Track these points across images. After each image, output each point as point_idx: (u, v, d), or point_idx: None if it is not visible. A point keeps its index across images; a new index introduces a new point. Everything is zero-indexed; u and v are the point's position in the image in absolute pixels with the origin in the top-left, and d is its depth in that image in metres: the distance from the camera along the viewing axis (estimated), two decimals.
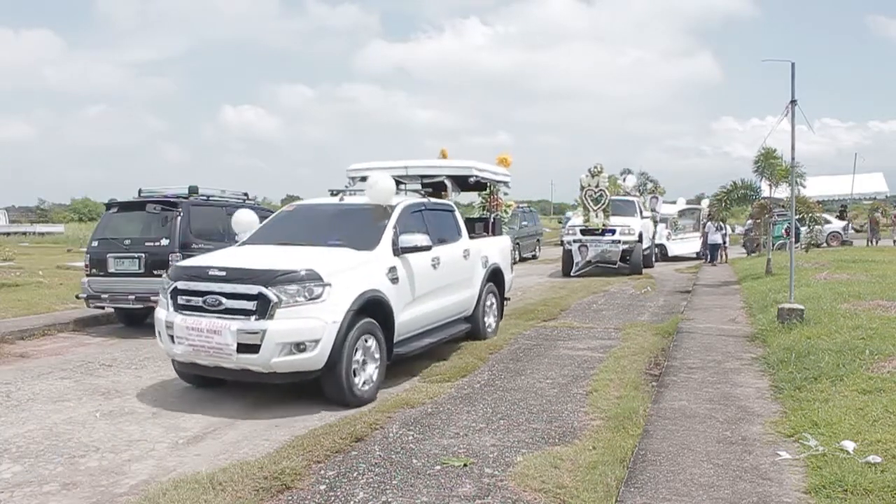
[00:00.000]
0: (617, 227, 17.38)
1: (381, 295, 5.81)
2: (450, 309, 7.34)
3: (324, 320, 5.21)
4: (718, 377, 6.17)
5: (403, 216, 6.69)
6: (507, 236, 9.65)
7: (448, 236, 7.52)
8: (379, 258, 6.04)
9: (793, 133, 8.33)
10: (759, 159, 14.84)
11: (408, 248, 6.30)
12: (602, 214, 17.47)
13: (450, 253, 7.30)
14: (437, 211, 7.56)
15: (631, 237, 17.37)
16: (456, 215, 7.96)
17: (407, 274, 6.30)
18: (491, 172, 8.99)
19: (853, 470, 3.68)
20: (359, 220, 6.68)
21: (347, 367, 5.37)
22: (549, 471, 3.96)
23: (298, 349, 5.15)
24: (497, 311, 8.65)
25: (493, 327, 8.50)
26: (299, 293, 5.20)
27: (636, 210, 19.34)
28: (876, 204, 27.45)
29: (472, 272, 7.84)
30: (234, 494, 3.65)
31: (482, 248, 8.25)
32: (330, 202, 7.26)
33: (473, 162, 8.50)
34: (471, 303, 7.86)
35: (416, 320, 6.53)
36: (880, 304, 8.58)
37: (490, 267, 8.27)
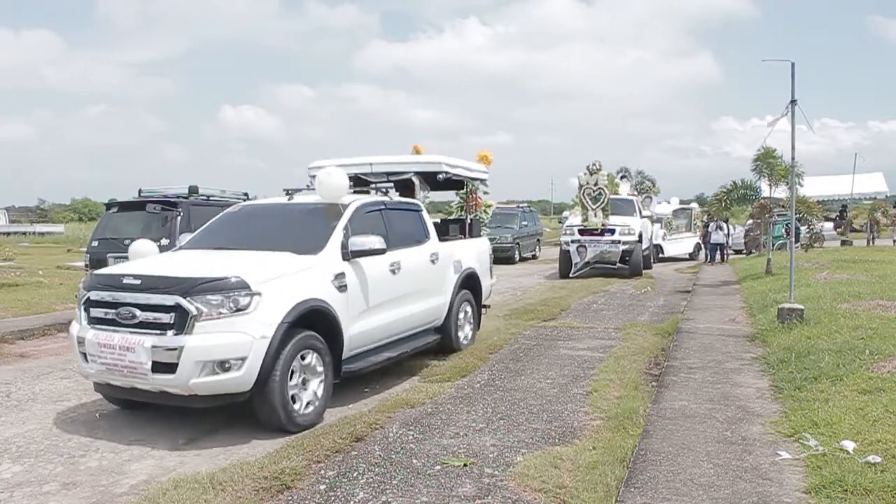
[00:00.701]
0: (617, 226, 16.82)
1: (324, 305, 5.18)
2: (415, 319, 6.67)
3: (251, 335, 4.57)
4: (718, 377, 6.17)
5: (357, 216, 6.01)
6: (486, 239, 8.98)
7: (413, 239, 6.84)
8: (324, 263, 5.39)
9: (793, 133, 8.34)
10: (757, 159, 14.86)
11: (359, 251, 5.61)
12: (601, 214, 16.89)
13: (414, 257, 6.64)
14: (400, 211, 6.87)
15: (631, 237, 16.81)
16: (423, 216, 7.25)
17: (359, 281, 5.64)
18: (465, 169, 8.30)
19: (853, 470, 3.68)
20: (306, 221, 6.08)
21: (282, 388, 4.73)
22: (549, 471, 3.96)
23: (222, 368, 4.52)
24: (473, 320, 7.98)
25: (469, 338, 7.82)
26: (223, 304, 4.58)
27: (635, 209, 18.74)
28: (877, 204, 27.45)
29: (441, 278, 7.19)
30: (234, 494, 3.65)
31: (455, 251, 7.57)
32: (278, 202, 6.64)
33: (443, 157, 7.88)
34: (441, 312, 7.18)
35: (371, 332, 5.87)
36: (880, 304, 8.58)
37: (464, 272, 7.59)
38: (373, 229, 5.98)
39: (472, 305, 7.92)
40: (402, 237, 6.57)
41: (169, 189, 10.03)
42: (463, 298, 7.63)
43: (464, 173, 8.31)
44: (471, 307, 7.90)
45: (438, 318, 7.18)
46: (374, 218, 6.30)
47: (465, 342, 7.70)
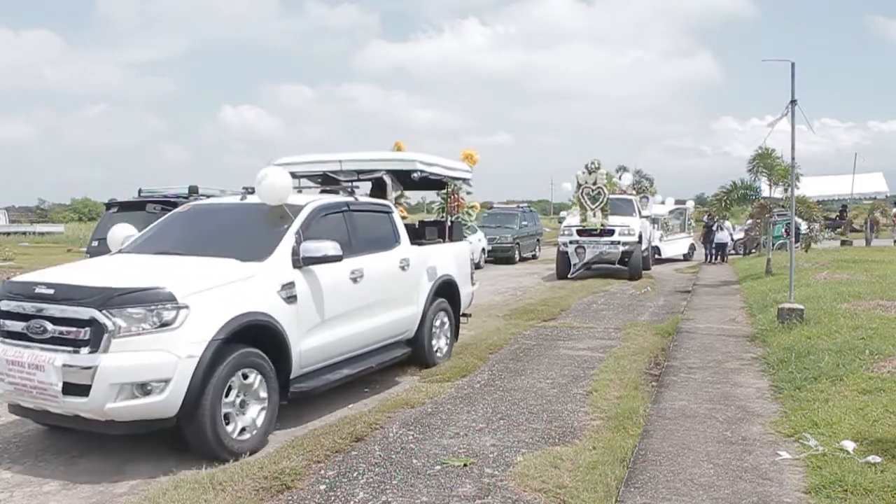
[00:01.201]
0: (616, 227, 16.33)
1: (267, 318, 4.63)
2: (381, 331, 6.07)
3: (176, 354, 4.05)
4: (718, 377, 6.17)
5: (313, 219, 5.43)
6: (467, 242, 8.32)
7: (380, 243, 6.25)
8: (269, 272, 4.84)
9: (793, 133, 8.35)
10: (754, 159, 14.87)
11: (312, 258, 5.04)
12: (600, 214, 16.37)
13: (380, 263, 6.05)
14: (366, 213, 6.28)
15: (631, 238, 16.32)
16: (393, 217, 6.61)
17: (311, 291, 5.09)
18: (443, 168, 7.61)
19: (853, 470, 3.69)
20: (257, 224, 5.53)
21: (213, 413, 4.21)
22: (549, 471, 3.97)
23: (142, 391, 4.01)
24: (451, 331, 7.31)
25: (445, 351, 7.17)
26: (145, 318, 4.06)
27: (634, 209, 18.19)
28: (877, 204, 27.46)
29: (413, 286, 6.58)
30: (234, 494, 3.65)
31: (429, 256, 6.93)
32: (230, 202, 6.14)
33: (418, 154, 7.29)
34: (412, 323, 6.58)
35: (328, 348, 5.33)
36: (880, 304, 8.59)
37: (439, 279, 6.95)
38: (331, 233, 5.41)
39: (449, 315, 7.24)
40: (368, 242, 6.01)
41: (169, 189, 10.02)
42: (438, 308, 6.98)
43: (442, 172, 7.61)
44: (448, 317, 7.23)
45: (409, 330, 6.57)
46: (333, 221, 5.72)
47: (441, 355, 7.05)
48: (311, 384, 5.16)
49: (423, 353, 6.77)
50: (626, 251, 16.28)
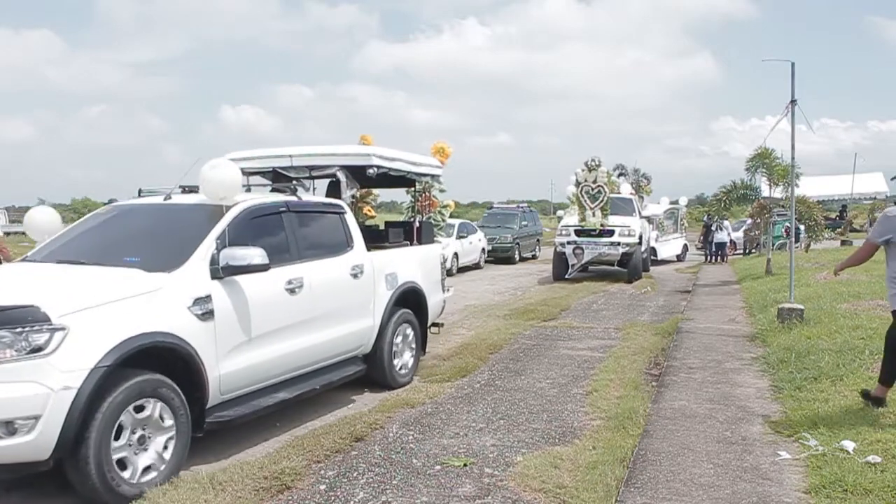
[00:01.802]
0: (616, 227, 15.72)
1: (174, 339, 3.95)
2: (327, 348, 5.37)
3: (48, 385, 3.40)
4: (718, 377, 6.18)
5: (241, 222, 4.74)
6: (439, 245, 7.63)
7: (328, 248, 5.58)
8: (179, 284, 4.15)
9: (793, 133, 8.35)
10: (752, 158, 14.89)
11: (235, 267, 4.36)
12: (600, 213, 15.70)
13: (326, 271, 5.37)
14: (311, 214, 5.61)
15: (631, 239, 15.71)
16: (346, 219, 5.89)
17: (234, 305, 4.42)
18: (407, 163, 6.85)
19: (853, 470, 3.69)
20: (176, 227, 4.92)
21: (100, 455, 3.55)
22: (549, 471, 3.97)
23: (7, 431, 3.37)
24: (416, 345, 6.55)
25: (409, 368, 6.40)
26: (12, 343, 3.43)
27: (634, 209, 17.55)
28: (877, 204, 27.48)
29: (368, 296, 5.85)
30: (234, 494, 3.65)
31: (389, 262, 6.22)
32: (154, 202, 5.42)
33: (375, 148, 6.59)
34: (367, 337, 5.85)
35: (257, 369, 4.65)
36: (880, 304, 8.58)
37: (401, 287, 6.23)
38: (265, 238, 4.82)
39: (414, 327, 6.50)
40: (312, 247, 5.38)
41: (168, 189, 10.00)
42: (401, 319, 6.25)
43: (405, 168, 6.86)
44: (412, 329, 6.48)
45: (364, 345, 5.87)
46: (268, 224, 5.05)
47: (405, 372, 6.32)
48: (238, 411, 4.47)
49: (382, 371, 6.02)
50: (626, 252, 15.70)
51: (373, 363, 5.96)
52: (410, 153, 7.04)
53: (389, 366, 6.08)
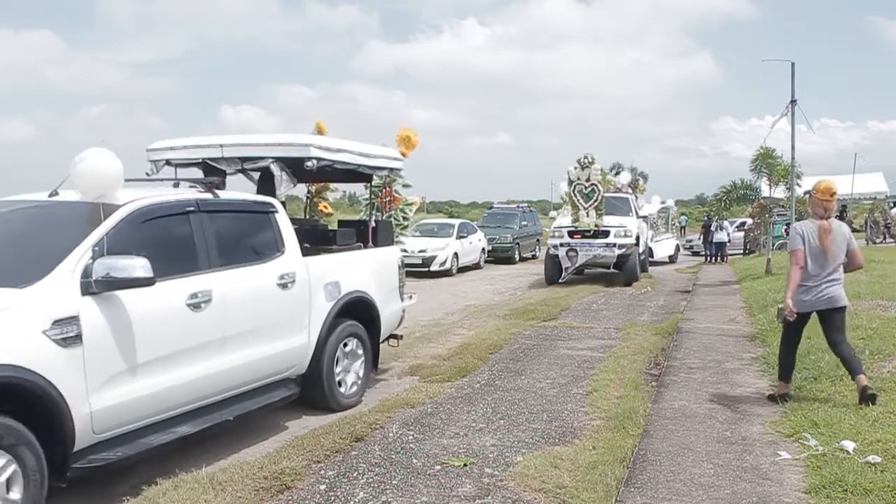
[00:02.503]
0: (612, 228, 14.90)
1: (20, 373, 3.21)
2: (245, 372, 4.59)
3: None
4: (718, 377, 6.18)
5: (127, 225, 3.95)
6: (397, 248, 6.86)
7: (250, 254, 4.81)
8: (33, 302, 3.42)
9: (793, 133, 8.38)
10: (756, 159, 14.90)
11: (113, 281, 3.61)
12: (594, 213, 14.86)
13: (244, 282, 4.58)
14: (232, 213, 4.83)
15: (628, 240, 14.89)
16: (276, 220, 5.10)
17: (111, 326, 3.68)
18: (355, 155, 5.98)
19: (853, 470, 3.69)
20: (44, 231, 4.12)
21: None
22: (549, 471, 3.97)
23: None
24: (366, 363, 5.79)
25: (358, 388, 5.66)
26: None
27: (631, 208, 16.64)
28: (877, 204, 27.49)
29: (301, 308, 5.09)
30: (234, 494, 3.65)
31: (330, 268, 5.48)
32: (36, 200, 4.43)
33: (314, 137, 5.82)
34: (300, 356, 5.12)
35: (146, 402, 3.89)
36: (880, 304, 8.59)
37: (345, 297, 5.45)
38: (159, 243, 4.10)
39: (362, 342, 5.73)
40: (228, 253, 4.57)
41: None
42: (345, 334, 5.48)
43: (355, 161, 6.00)
44: (361, 345, 5.72)
45: (298, 365, 5.14)
46: (167, 226, 4.26)
47: (351, 393, 5.59)
48: (118, 453, 3.72)
49: (322, 393, 5.31)
50: (623, 254, 14.86)
51: (310, 384, 5.24)
52: (362, 143, 6.23)
53: (330, 387, 5.33)
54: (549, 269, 15.32)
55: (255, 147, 5.62)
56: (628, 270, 15.01)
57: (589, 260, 15.00)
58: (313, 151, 5.44)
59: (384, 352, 7.62)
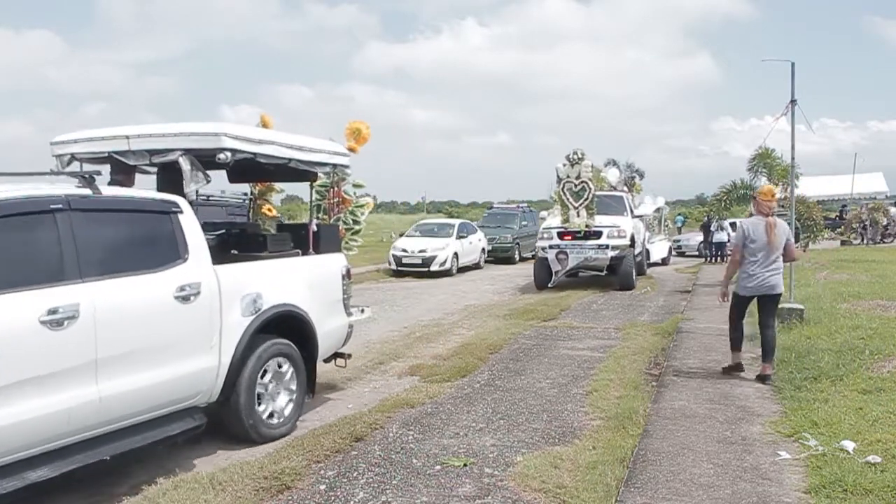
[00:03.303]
0: (604, 228, 13.93)
1: None
2: (127, 403, 3.84)
3: None
4: (719, 377, 6.18)
5: None
6: (341, 255, 5.92)
7: (141, 261, 4.08)
8: None
9: (792, 133, 8.35)
10: (753, 159, 14.87)
11: None
12: (585, 213, 13.88)
13: (127, 294, 3.85)
14: (116, 213, 4.10)
15: (621, 241, 13.92)
16: (181, 221, 4.35)
17: None
18: (286, 148, 5.26)
19: (853, 470, 3.69)
20: None
21: None
22: (549, 471, 3.97)
23: None
24: (299, 387, 5.02)
25: (288, 415, 4.91)
26: None
27: (626, 207, 15.59)
28: (876, 204, 27.49)
29: (207, 325, 4.32)
30: (234, 494, 3.65)
31: (249, 278, 4.72)
32: None
33: (230, 126, 4.92)
34: (207, 381, 4.34)
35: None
36: (880, 304, 8.59)
37: (269, 312, 4.72)
38: (5, 249, 3.47)
39: (293, 362, 4.96)
40: (109, 259, 3.88)
41: None
42: (269, 354, 4.74)
43: (285, 154, 5.26)
44: (291, 366, 4.95)
45: (205, 392, 4.37)
46: (20, 228, 3.56)
47: (278, 421, 4.83)
48: None
49: (240, 422, 4.58)
50: (616, 256, 13.83)
51: (225, 413, 4.59)
52: (297, 135, 5.53)
53: (250, 415, 4.59)
54: (539, 273, 14.37)
55: (163, 138, 4.88)
56: (623, 274, 13.97)
57: (580, 263, 14.03)
58: (226, 142, 4.69)
59: (384, 352, 7.65)
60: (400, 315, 10.81)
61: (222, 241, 5.82)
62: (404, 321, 10.11)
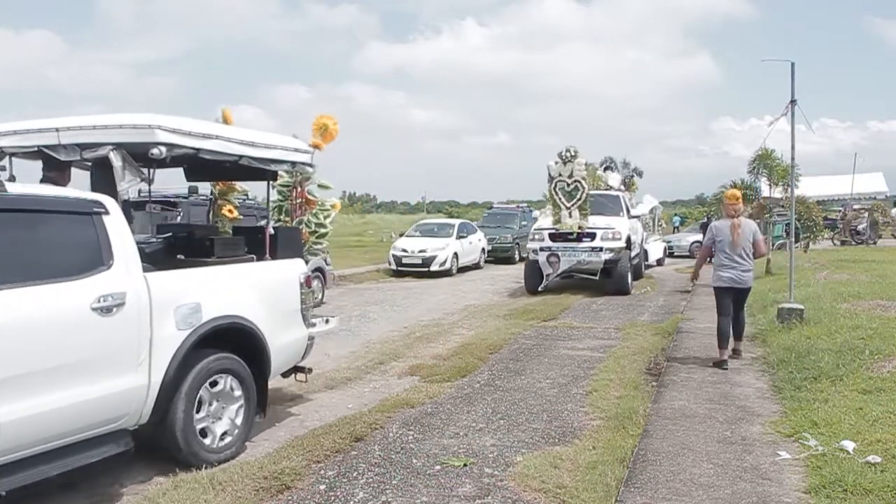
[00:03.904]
0: (598, 229, 13.21)
1: None
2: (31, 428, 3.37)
3: None
4: (718, 377, 6.19)
5: None
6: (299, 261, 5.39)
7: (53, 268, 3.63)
8: None
9: (792, 133, 8.35)
10: (754, 160, 14.87)
11: None
12: (578, 213, 13.15)
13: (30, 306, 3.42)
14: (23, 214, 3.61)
15: (616, 243, 13.19)
16: (104, 224, 3.86)
17: None
18: (234, 143, 4.79)
19: (853, 470, 3.69)
20: None
21: None
22: (549, 471, 3.97)
23: None
24: (248, 405, 4.51)
25: (233, 438, 4.42)
26: None
27: (622, 207, 14.87)
28: (876, 204, 27.49)
29: (133, 340, 3.82)
30: (234, 494, 3.65)
31: (187, 287, 4.23)
32: None
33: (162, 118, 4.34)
34: (135, 402, 3.85)
35: None
36: (880, 304, 8.58)
37: (210, 324, 4.21)
38: None
39: (241, 380, 4.47)
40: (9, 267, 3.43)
41: (168, 189, 10.03)
42: (212, 370, 4.27)
43: (233, 151, 4.79)
44: (239, 383, 4.46)
45: (132, 414, 3.87)
46: None
47: (223, 445, 4.35)
48: None
49: (175, 445, 4.09)
50: (610, 259, 13.12)
51: (160, 436, 4.11)
52: (247, 130, 5.17)
53: (188, 438, 4.11)
54: (529, 277, 13.63)
55: (93, 131, 4.45)
56: (617, 278, 13.24)
57: (572, 266, 13.33)
58: (160, 135, 4.24)
59: (384, 352, 7.65)
60: (400, 315, 10.81)
61: (169, 245, 5.46)
62: (404, 321, 10.11)
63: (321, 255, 12.24)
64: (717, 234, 6.82)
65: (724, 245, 6.73)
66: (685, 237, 26.09)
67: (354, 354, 7.66)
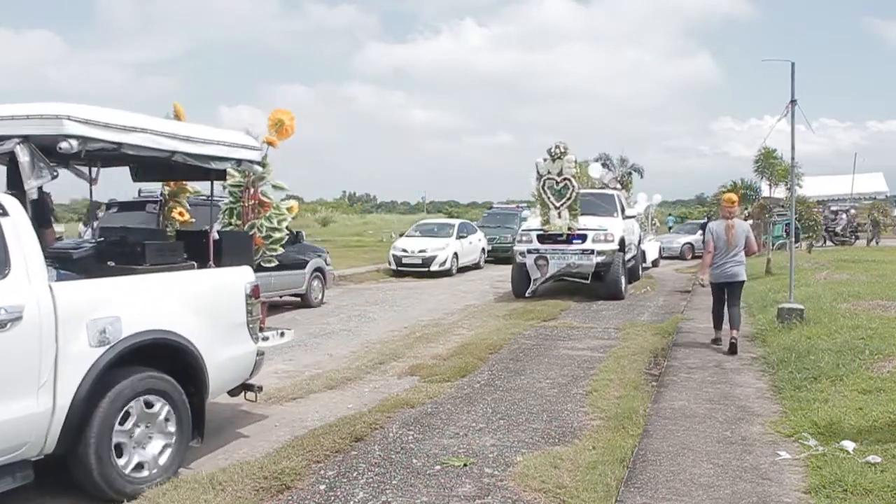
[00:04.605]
0: (589, 231, 12.41)
1: None
2: None
3: None
4: (718, 377, 6.18)
5: None
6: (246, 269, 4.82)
7: None
8: None
9: (792, 133, 8.35)
10: (759, 159, 14.88)
11: None
12: (567, 214, 12.33)
13: None
14: None
15: (608, 245, 12.34)
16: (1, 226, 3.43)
17: None
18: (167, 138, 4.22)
19: (853, 470, 3.69)
20: None
21: None
22: (549, 471, 3.97)
23: None
24: (181, 430, 4.03)
25: (161, 465, 3.92)
26: None
27: (616, 207, 14.02)
28: (876, 204, 27.50)
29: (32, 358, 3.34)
30: (234, 494, 3.65)
31: (103, 299, 3.73)
32: None
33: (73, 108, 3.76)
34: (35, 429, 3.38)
35: None
36: (880, 304, 8.59)
37: (131, 340, 3.74)
38: None
39: (172, 401, 3.99)
40: None
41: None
42: (133, 392, 3.77)
43: (161, 146, 4.20)
44: (169, 406, 3.97)
45: (34, 443, 3.41)
46: None
47: (151, 474, 3.85)
48: None
49: (89, 476, 3.61)
50: (602, 262, 12.25)
51: (73, 466, 3.63)
52: (181, 123, 4.77)
53: (104, 468, 3.61)
54: (517, 281, 12.81)
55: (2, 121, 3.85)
56: (610, 282, 12.38)
57: (562, 270, 12.49)
58: (69, 127, 3.69)
59: (384, 352, 7.66)
60: (400, 315, 10.82)
61: (99, 250, 5.04)
62: (404, 321, 10.11)
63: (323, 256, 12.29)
64: (714, 234, 7.58)
65: (720, 243, 7.51)
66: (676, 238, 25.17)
67: (354, 354, 7.66)
